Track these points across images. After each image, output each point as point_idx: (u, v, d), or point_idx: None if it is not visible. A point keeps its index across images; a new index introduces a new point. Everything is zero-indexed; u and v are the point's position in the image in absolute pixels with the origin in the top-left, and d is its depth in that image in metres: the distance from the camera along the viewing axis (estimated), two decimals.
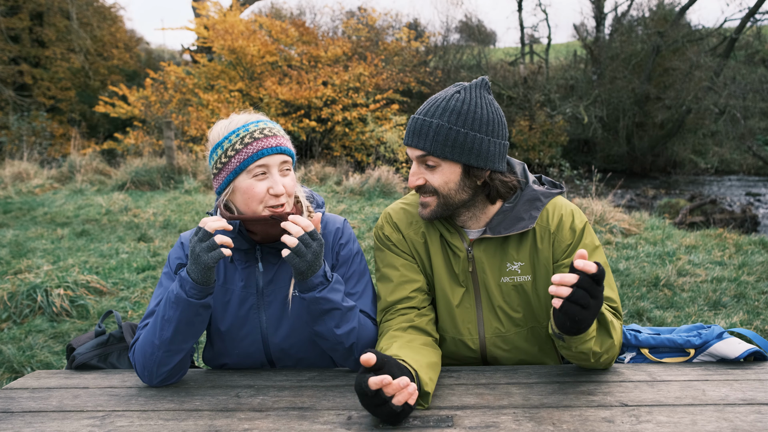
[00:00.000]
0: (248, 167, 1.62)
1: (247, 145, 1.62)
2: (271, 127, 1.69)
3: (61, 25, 19.42)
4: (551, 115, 19.48)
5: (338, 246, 1.79)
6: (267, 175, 1.64)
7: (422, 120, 1.62)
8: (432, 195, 1.67)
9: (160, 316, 1.57)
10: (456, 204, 1.67)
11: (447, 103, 1.62)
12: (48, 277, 4.75)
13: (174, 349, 1.58)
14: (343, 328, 1.60)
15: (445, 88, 1.72)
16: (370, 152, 15.10)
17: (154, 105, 14.94)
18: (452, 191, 1.65)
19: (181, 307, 1.54)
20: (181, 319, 1.55)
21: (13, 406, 1.54)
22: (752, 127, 19.81)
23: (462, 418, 1.39)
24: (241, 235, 1.67)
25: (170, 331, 1.56)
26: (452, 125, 1.60)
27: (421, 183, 1.66)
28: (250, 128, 1.65)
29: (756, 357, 1.72)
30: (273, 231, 1.63)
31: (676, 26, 20.36)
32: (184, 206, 8.83)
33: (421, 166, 1.66)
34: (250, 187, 1.63)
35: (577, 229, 1.70)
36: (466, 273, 1.74)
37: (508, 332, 1.76)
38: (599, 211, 7.30)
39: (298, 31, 17.62)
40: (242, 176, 1.63)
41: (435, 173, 1.64)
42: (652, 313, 4.36)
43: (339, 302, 1.58)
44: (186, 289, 1.54)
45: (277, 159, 1.64)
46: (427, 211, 1.69)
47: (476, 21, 27.48)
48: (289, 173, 1.69)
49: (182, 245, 1.78)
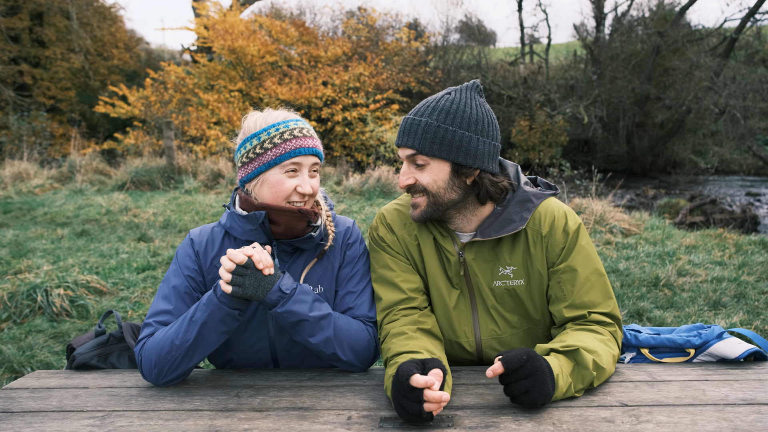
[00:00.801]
0: (282, 162, 1.66)
1: (286, 141, 1.66)
2: (309, 129, 1.74)
3: (61, 25, 19.42)
4: (551, 115, 19.49)
5: (346, 246, 1.83)
6: (297, 173, 1.68)
7: (411, 119, 1.64)
8: (422, 195, 1.67)
9: (188, 317, 1.58)
10: (446, 204, 1.67)
11: (437, 104, 1.63)
12: (48, 277, 4.75)
13: (191, 353, 1.58)
14: (317, 338, 1.62)
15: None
16: (370, 152, 15.11)
17: (154, 105, 14.94)
18: (441, 190, 1.65)
19: (211, 308, 1.56)
20: (207, 321, 1.56)
21: (13, 406, 1.54)
22: (752, 127, 19.80)
23: (462, 418, 1.39)
24: (263, 227, 1.68)
25: (194, 334, 1.56)
26: (440, 123, 1.60)
27: (411, 182, 1.66)
28: (290, 125, 1.70)
29: (756, 357, 1.72)
30: (298, 225, 1.67)
31: (676, 26, 20.36)
32: (184, 206, 8.83)
33: (411, 165, 1.66)
34: (280, 181, 1.67)
35: (570, 231, 1.69)
36: (459, 276, 1.74)
37: (504, 334, 1.75)
38: (599, 211, 7.30)
39: (298, 31, 17.63)
40: (275, 170, 1.67)
41: (424, 172, 1.65)
42: (652, 313, 4.36)
43: (305, 313, 1.60)
44: (218, 294, 1.56)
45: (310, 160, 1.70)
46: (418, 212, 1.69)
47: (476, 21, 27.52)
48: (317, 175, 1.74)
49: (192, 241, 1.79)
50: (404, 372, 1.34)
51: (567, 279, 1.67)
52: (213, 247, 1.77)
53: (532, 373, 1.36)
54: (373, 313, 1.77)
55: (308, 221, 1.68)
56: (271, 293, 1.56)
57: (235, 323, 1.59)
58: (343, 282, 1.80)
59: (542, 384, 1.36)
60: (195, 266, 1.75)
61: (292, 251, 1.76)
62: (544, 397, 1.37)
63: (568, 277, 1.67)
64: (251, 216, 1.66)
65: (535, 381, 1.36)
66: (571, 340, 1.52)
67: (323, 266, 1.79)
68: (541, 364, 1.38)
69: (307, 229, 1.70)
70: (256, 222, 1.67)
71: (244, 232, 1.71)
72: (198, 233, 1.80)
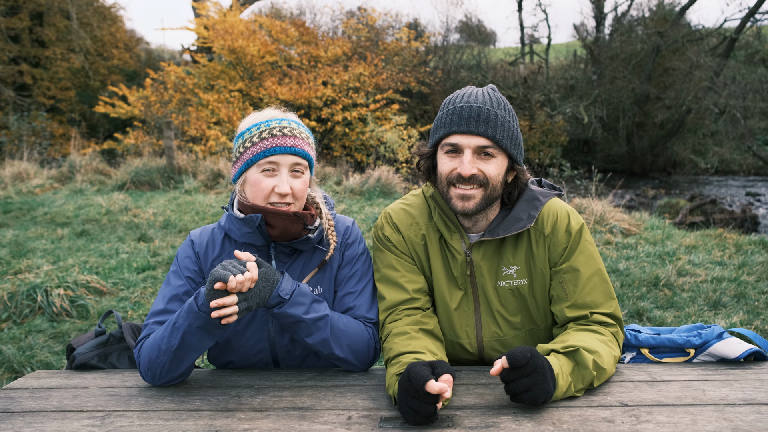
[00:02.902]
0: (258, 161, 1.66)
1: (262, 140, 1.66)
2: (293, 128, 1.71)
3: (61, 25, 19.41)
4: (551, 115, 19.49)
5: (344, 246, 1.82)
6: (275, 172, 1.66)
7: (486, 109, 1.59)
8: (479, 187, 1.61)
9: (172, 323, 1.57)
10: (494, 198, 1.66)
11: (492, 97, 1.63)
12: (48, 277, 4.75)
13: (179, 358, 1.57)
14: (314, 338, 1.62)
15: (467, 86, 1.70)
16: (370, 152, 15.10)
17: (154, 105, 14.93)
18: (498, 184, 1.64)
19: (191, 317, 1.53)
20: (188, 330, 1.53)
21: (13, 406, 1.54)
22: (752, 127, 19.80)
23: (462, 418, 1.39)
24: (260, 229, 1.68)
25: (177, 340, 1.55)
26: (509, 118, 1.62)
27: (475, 172, 1.60)
28: (271, 124, 1.69)
29: (756, 357, 1.72)
30: (294, 228, 1.66)
31: (676, 26, 20.36)
32: (184, 206, 8.83)
33: (475, 155, 1.61)
34: (257, 181, 1.66)
35: (572, 231, 1.69)
36: (464, 276, 1.73)
37: (506, 336, 1.75)
38: (599, 211, 7.29)
39: (298, 31, 17.62)
40: (253, 169, 1.67)
41: (490, 163, 1.61)
42: (652, 313, 4.36)
43: (300, 315, 1.59)
44: (199, 303, 1.53)
45: (288, 159, 1.67)
46: (472, 204, 1.62)
47: (476, 21, 27.50)
48: (302, 176, 1.70)
49: (192, 243, 1.78)
50: (418, 376, 1.33)
51: (569, 279, 1.67)
52: (214, 249, 1.76)
53: (534, 371, 1.36)
54: (372, 314, 1.76)
55: (304, 224, 1.67)
56: (271, 299, 1.56)
57: (219, 330, 1.56)
58: (343, 282, 1.79)
59: (543, 382, 1.36)
60: (195, 267, 1.74)
61: (290, 253, 1.76)
62: (545, 394, 1.37)
63: (570, 277, 1.67)
64: (248, 219, 1.66)
65: (537, 379, 1.36)
66: (572, 341, 1.52)
67: (322, 268, 1.78)
68: (542, 362, 1.38)
69: (303, 232, 1.69)
70: (253, 225, 1.66)
71: (242, 235, 1.71)
72: (198, 234, 1.80)
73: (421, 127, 16.45)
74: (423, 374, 1.33)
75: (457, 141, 1.60)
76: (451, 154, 1.63)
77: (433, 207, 1.76)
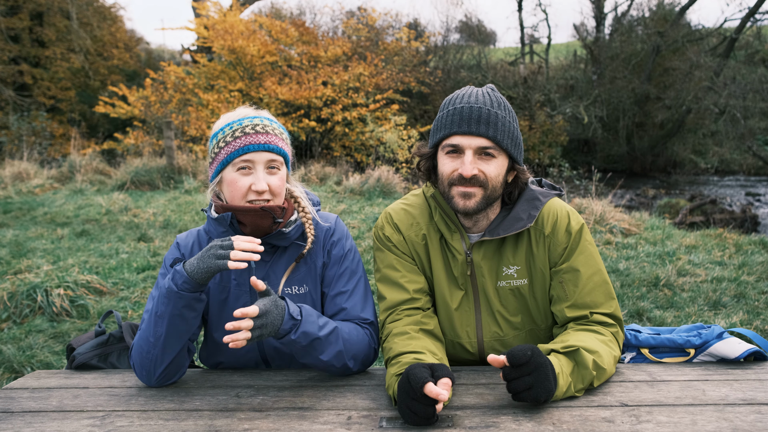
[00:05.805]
0: (234, 161, 1.65)
1: (236, 139, 1.65)
2: (266, 125, 1.69)
3: (61, 25, 19.41)
4: (551, 115, 19.48)
5: (329, 244, 1.79)
6: (251, 170, 1.65)
7: (486, 109, 1.59)
8: (479, 187, 1.61)
9: (154, 313, 1.57)
10: (495, 199, 1.66)
11: (492, 97, 1.63)
12: (48, 277, 4.75)
13: (170, 346, 1.58)
14: (328, 353, 1.59)
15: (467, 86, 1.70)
16: (369, 152, 15.09)
17: (154, 105, 14.93)
18: (498, 184, 1.64)
19: (172, 301, 1.54)
20: (173, 313, 1.54)
21: (13, 406, 1.54)
22: (752, 127, 19.79)
23: (462, 418, 1.39)
24: (233, 227, 1.68)
25: (164, 327, 1.55)
26: (509, 118, 1.62)
27: (476, 172, 1.60)
28: (244, 122, 1.67)
29: (756, 357, 1.72)
30: (263, 223, 1.64)
31: (676, 26, 20.36)
32: (184, 206, 8.83)
33: (476, 155, 1.61)
34: (234, 180, 1.65)
35: (572, 231, 1.69)
36: (465, 276, 1.73)
37: (507, 336, 1.75)
38: (599, 211, 7.29)
39: (298, 31, 17.61)
40: (228, 169, 1.66)
41: (491, 164, 1.61)
42: (652, 313, 4.36)
43: (316, 333, 1.56)
44: (178, 283, 1.53)
45: (263, 156, 1.65)
46: (473, 201, 1.61)
47: (476, 21, 27.53)
48: (278, 172, 1.69)
49: (178, 245, 1.79)
50: (417, 378, 1.33)
51: (569, 279, 1.67)
52: (199, 249, 1.77)
53: (535, 369, 1.36)
54: (366, 314, 1.75)
55: (273, 218, 1.65)
56: (285, 323, 1.50)
57: (201, 305, 1.58)
58: (332, 282, 1.77)
59: (545, 380, 1.36)
60: None
61: (272, 251, 1.75)
62: (547, 393, 1.37)
63: (570, 277, 1.67)
64: (220, 218, 1.66)
65: (539, 377, 1.36)
66: (572, 340, 1.52)
67: (306, 266, 1.77)
68: (544, 360, 1.38)
69: (274, 226, 1.67)
70: (225, 224, 1.67)
71: (218, 234, 1.71)
72: (184, 237, 1.81)
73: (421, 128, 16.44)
74: (422, 376, 1.33)
75: (458, 142, 1.60)
76: (452, 155, 1.63)
77: (434, 207, 1.76)
